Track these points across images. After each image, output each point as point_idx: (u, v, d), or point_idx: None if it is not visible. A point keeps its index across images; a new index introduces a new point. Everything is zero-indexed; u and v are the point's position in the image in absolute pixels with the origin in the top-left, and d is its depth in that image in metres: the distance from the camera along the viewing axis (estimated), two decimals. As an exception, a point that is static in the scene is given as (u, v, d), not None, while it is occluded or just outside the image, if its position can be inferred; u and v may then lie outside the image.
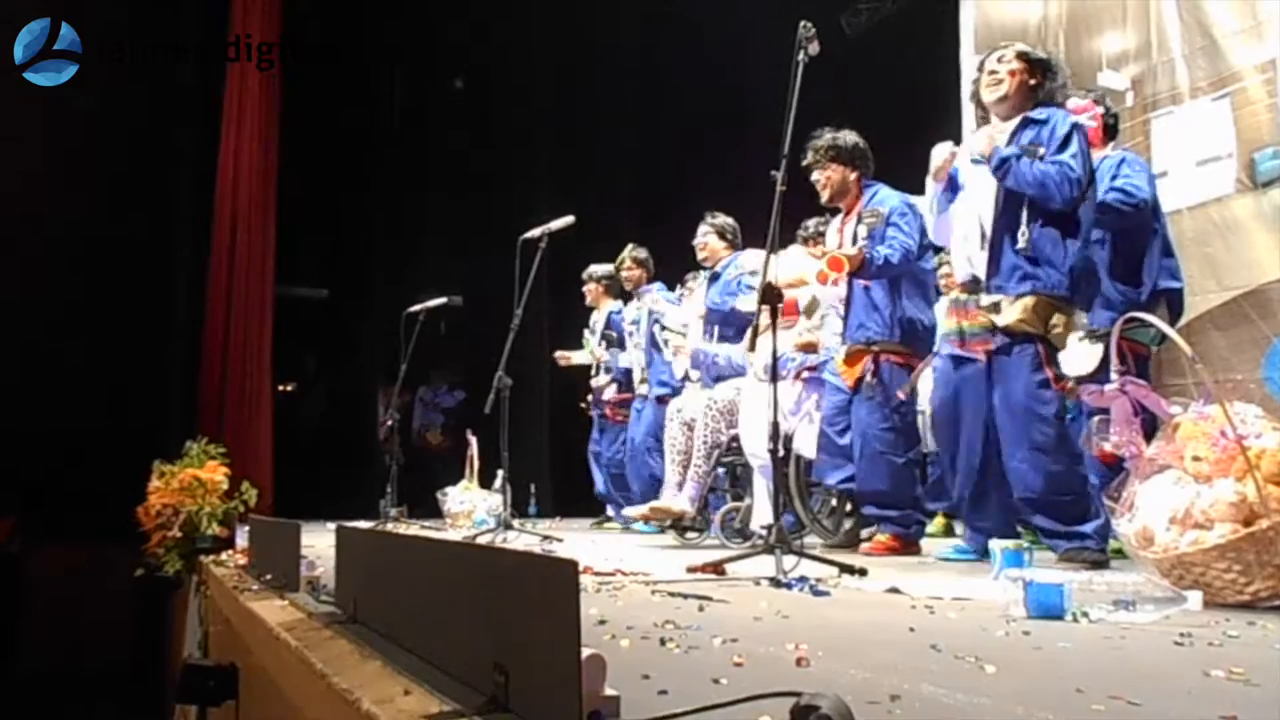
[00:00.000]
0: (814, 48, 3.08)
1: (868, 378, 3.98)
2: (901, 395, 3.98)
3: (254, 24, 6.99)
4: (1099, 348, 3.30)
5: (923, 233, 3.93)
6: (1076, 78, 6.05)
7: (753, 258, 5.17)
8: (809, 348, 4.20)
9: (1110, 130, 4.02)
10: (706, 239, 5.29)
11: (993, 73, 3.44)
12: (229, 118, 7.01)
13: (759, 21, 7.15)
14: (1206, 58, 5.31)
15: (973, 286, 3.41)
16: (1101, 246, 3.77)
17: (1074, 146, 3.27)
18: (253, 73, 7.00)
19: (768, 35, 4.35)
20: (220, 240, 6.90)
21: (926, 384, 4.03)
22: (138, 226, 6.95)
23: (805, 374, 4.27)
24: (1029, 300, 3.25)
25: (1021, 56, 3.43)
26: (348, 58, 7.89)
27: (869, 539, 4.05)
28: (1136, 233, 3.78)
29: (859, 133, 4.24)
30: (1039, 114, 3.37)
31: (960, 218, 3.48)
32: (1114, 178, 3.77)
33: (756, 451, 3.98)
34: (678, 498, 4.21)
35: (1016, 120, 3.39)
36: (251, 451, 6.52)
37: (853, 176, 4.15)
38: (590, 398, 6.59)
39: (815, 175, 4.19)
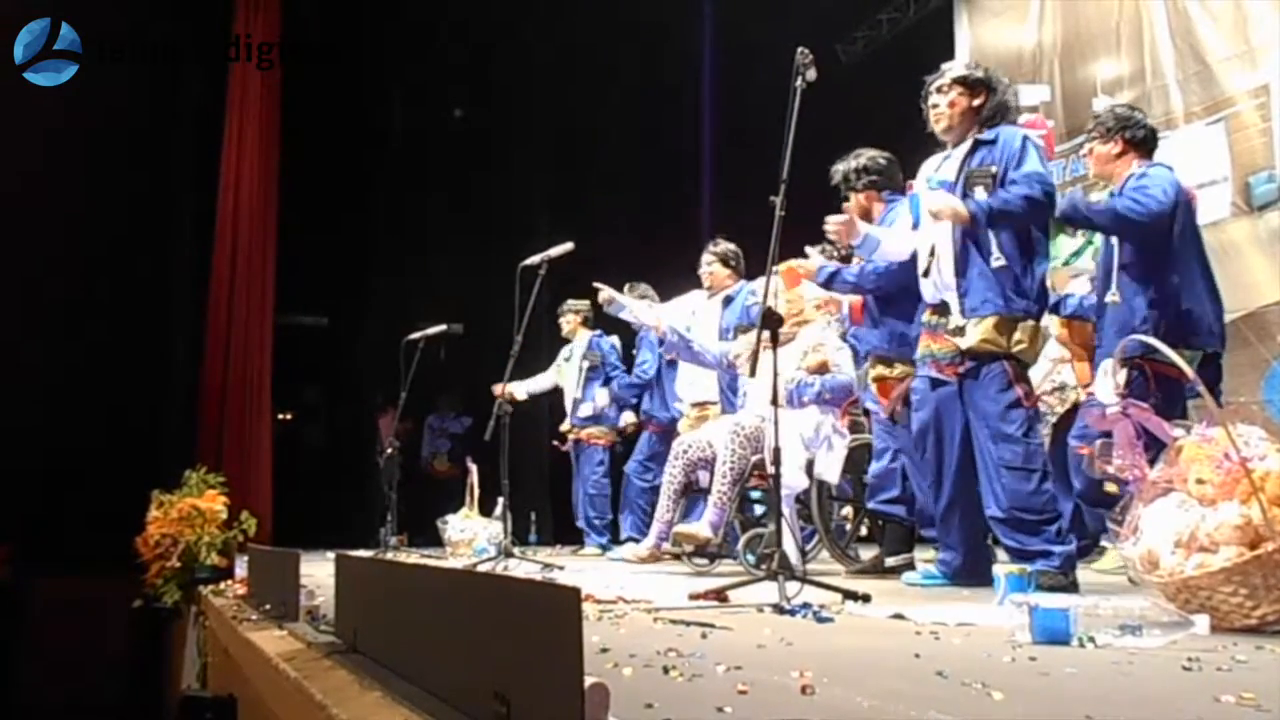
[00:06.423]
0: (811, 74, 3.09)
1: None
2: (884, 414, 3.96)
3: (254, 24, 7.00)
4: (1122, 374, 3.41)
5: None
6: (1071, 103, 6.13)
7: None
8: (821, 368, 4.15)
9: (1140, 144, 3.74)
10: (711, 268, 5.35)
11: (935, 106, 3.48)
12: (230, 121, 6.99)
13: (758, 49, 7.21)
14: (1200, 83, 5.36)
15: (941, 310, 3.41)
16: (1125, 271, 3.58)
17: (1031, 156, 3.26)
18: (253, 73, 6.99)
19: (766, 63, 4.37)
20: (220, 267, 6.89)
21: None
22: (139, 250, 6.93)
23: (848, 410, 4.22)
24: (990, 320, 3.26)
25: (959, 82, 3.44)
26: (348, 60, 7.87)
27: (894, 569, 3.93)
28: (1153, 252, 3.52)
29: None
30: (986, 135, 3.38)
31: (924, 243, 3.49)
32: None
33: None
34: (699, 524, 4.13)
35: (966, 146, 3.40)
36: (251, 480, 6.49)
37: (877, 206, 4.14)
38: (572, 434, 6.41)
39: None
